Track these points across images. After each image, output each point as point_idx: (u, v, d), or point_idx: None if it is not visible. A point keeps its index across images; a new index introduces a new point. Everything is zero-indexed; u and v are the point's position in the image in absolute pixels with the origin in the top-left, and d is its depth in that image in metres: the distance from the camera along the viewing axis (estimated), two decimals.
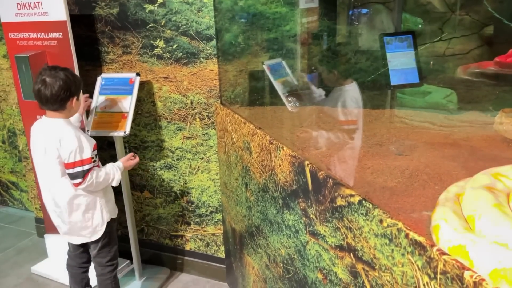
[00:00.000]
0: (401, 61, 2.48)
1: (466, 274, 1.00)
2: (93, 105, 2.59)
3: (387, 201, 1.40)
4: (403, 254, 1.21)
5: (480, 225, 1.09)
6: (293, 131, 2.15)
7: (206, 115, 2.70)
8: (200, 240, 3.02)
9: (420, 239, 1.15)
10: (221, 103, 2.65)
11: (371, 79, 2.90)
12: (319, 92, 2.78)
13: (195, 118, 2.72)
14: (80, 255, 2.43)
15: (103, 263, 2.38)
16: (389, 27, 2.93)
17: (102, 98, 2.60)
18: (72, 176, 2.10)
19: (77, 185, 2.11)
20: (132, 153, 2.42)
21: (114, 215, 2.38)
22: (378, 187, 1.48)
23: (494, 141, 1.83)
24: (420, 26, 3.03)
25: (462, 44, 2.86)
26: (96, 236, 2.28)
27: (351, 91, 2.63)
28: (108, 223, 2.30)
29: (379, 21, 3.12)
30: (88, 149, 2.10)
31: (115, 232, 2.41)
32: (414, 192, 1.42)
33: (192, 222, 2.99)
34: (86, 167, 2.09)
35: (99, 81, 2.66)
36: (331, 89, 2.69)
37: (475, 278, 0.98)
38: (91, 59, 2.86)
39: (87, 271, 2.48)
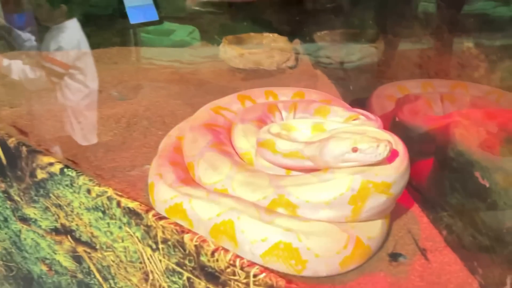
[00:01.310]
0: None
1: (186, 238, 0.82)
2: None
3: (101, 161, 1.11)
4: (120, 227, 0.96)
5: (199, 172, 0.91)
6: None
7: None
8: None
9: (133, 205, 0.91)
10: None
11: (106, 16, 2.49)
12: (27, 37, 2.21)
13: None
14: None
15: None
16: None
17: None
18: None
19: None
20: None
21: None
22: (89, 146, 1.17)
23: (221, 72, 1.74)
24: None
25: None
26: None
27: (71, 29, 2.17)
28: None
29: None
30: None
31: None
32: (134, 144, 1.17)
33: None
34: None
35: None
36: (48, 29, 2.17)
37: (196, 241, 0.80)
38: None
39: None
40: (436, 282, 0.73)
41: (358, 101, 1.26)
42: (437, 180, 0.89)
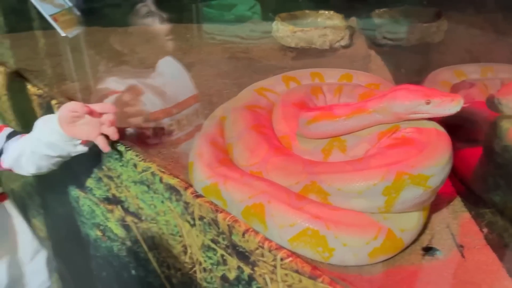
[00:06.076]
0: None
1: (220, 217, 0.85)
2: None
3: (149, 138, 1.16)
4: (162, 201, 1.01)
5: (237, 153, 0.93)
6: (50, 62, 1.71)
7: None
8: None
9: (174, 182, 0.95)
10: None
11: None
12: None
13: None
14: None
15: None
16: None
17: None
18: None
19: None
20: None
21: None
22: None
23: (273, 50, 1.72)
24: None
25: None
26: None
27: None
28: None
29: None
30: None
31: None
32: (185, 123, 1.21)
33: None
34: None
35: None
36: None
37: (228, 221, 0.83)
38: None
39: None
40: (469, 281, 0.70)
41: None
42: (483, 172, 0.84)
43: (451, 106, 0.77)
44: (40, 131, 1.03)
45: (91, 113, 0.99)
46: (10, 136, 1.10)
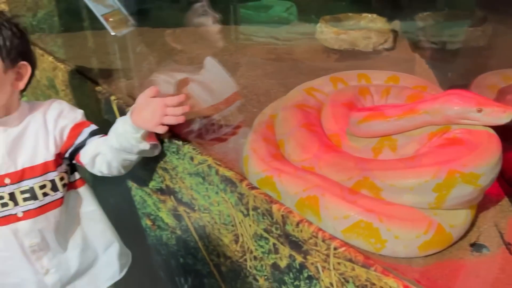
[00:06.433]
0: None
1: (274, 208, 0.90)
2: None
3: (202, 134, 1.23)
4: (217, 192, 1.08)
5: (289, 149, 0.98)
6: (105, 60, 1.81)
7: None
8: None
9: (229, 174, 1.01)
10: None
11: None
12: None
13: None
14: None
15: None
16: None
17: None
18: None
19: None
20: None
21: None
22: (193, 120, 1.30)
23: (316, 52, 1.77)
24: None
25: None
26: None
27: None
28: None
29: None
30: None
31: None
32: (231, 119, 1.28)
33: None
34: None
35: None
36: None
37: (283, 212, 0.89)
38: None
39: None
40: None
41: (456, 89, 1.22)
42: None
43: (502, 117, 0.79)
44: (115, 125, 1.12)
45: (156, 94, 1.07)
46: (93, 134, 1.19)
